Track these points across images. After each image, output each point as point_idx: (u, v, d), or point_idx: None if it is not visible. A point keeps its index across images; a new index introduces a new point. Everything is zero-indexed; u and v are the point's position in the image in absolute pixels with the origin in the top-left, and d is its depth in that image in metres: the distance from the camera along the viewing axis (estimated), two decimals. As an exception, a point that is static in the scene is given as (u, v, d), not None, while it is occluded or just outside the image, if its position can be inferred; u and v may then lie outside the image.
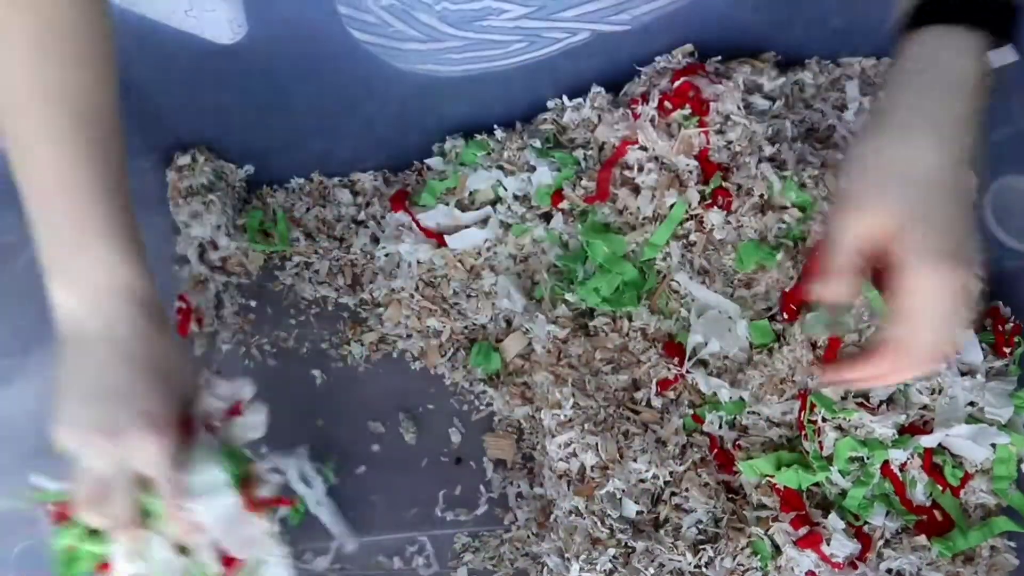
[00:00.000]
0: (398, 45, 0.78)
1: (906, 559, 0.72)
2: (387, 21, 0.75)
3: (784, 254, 0.79)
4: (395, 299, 0.92)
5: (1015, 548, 0.74)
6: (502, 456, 0.87)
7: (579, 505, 0.75)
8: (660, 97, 0.85)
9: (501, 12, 0.73)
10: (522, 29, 0.76)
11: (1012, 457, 0.73)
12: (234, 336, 0.94)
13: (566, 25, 0.77)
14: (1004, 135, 0.83)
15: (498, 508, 0.86)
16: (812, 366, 0.74)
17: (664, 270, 0.82)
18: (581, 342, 0.82)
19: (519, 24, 0.75)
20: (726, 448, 0.77)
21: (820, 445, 0.74)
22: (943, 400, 0.74)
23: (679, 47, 0.88)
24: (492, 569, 0.83)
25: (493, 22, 0.74)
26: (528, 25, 0.75)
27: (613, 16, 0.75)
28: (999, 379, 0.75)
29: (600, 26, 0.77)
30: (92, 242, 0.58)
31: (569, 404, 0.78)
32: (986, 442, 0.73)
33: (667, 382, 0.80)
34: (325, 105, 0.90)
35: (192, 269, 0.95)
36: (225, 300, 0.96)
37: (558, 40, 0.79)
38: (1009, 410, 0.73)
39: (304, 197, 0.98)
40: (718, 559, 0.72)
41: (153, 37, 0.79)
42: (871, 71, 0.90)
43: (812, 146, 0.84)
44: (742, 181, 0.81)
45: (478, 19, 0.74)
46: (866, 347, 0.63)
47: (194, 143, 0.95)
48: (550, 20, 0.75)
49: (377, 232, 0.94)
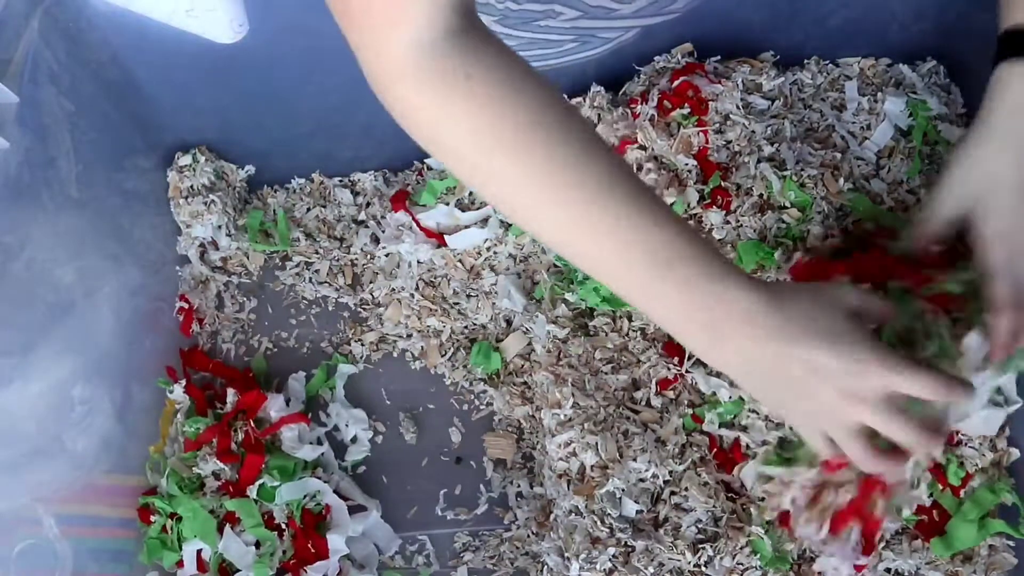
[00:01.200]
0: None
1: (904, 562, 0.72)
2: None
3: (783, 253, 0.79)
4: (395, 299, 0.92)
5: (1013, 547, 0.74)
6: (502, 456, 0.87)
7: (579, 504, 0.75)
8: (659, 96, 0.85)
9: (560, 15, 0.72)
10: (579, 29, 0.75)
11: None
12: (235, 335, 0.94)
13: (622, 24, 0.75)
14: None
15: (498, 508, 0.86)
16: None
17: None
18: (581, 342, 0.82)
19: (576, 25, 0.74)
20: (724, 448, 0.77)
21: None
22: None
23: (678, 46, 0.88)
24: (492, 568, 0.83)
25: (551, 23, 0.73)
26: (585, 25, 0.74)
27: (667, 7, 0.73)
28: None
29: (652, 19, 0.75)
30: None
31: (569, 404, 0.78)
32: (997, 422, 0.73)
33: (667, 382, 0.80)
34: (326, 105, 0.90)
35: (193, 269, 0.95)
36: (226, 300, 0.96)
37: (610, 40, 0.78)
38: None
39: (305, 197, 0.98)
40: (717, 558, 0.72)
41: (154, 37, 0.79)
42: (870, 71, 0.90)
43: (811, 146, 0.84)
44: (741, 181, 0.81)
45: (537, 20, 0.73)
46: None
47: (195, 143, 0.95)
48: (607, 19, 0.74)
49: (377, 232, 0.94)
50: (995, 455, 0.75)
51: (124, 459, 0.84)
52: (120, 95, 0.85)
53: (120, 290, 0.83)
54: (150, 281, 0.90)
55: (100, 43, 0.81)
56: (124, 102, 0.87)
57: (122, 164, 0.88)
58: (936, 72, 0.89)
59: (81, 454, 0.78)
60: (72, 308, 0.77)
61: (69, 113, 0.78)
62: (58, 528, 0.73)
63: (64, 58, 0.77)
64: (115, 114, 0.86)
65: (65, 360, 0.75)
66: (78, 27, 0.79)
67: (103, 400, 0.80)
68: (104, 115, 0.84)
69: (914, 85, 0.88)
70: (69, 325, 0.76)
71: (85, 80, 0.81)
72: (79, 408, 0.77)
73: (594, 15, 0.72)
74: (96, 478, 0.80)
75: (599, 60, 0.88)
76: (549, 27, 0.74)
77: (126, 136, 0.89)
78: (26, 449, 0.72)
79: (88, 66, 0.81)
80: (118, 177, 0.87)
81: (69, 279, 0.77)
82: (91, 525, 0.79)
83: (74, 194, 0.78)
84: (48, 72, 0.75)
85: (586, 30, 0.75)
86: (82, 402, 0.78)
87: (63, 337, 0.75)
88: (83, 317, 0.78)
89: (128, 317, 0.84)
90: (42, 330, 0.73)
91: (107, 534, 0.80)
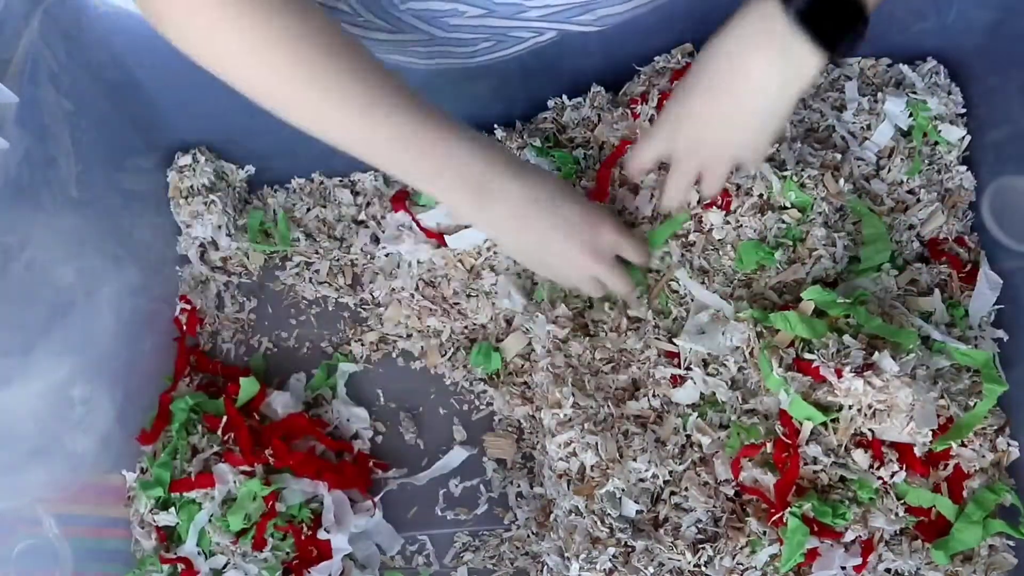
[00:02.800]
0: (369, 35, 0.78)
1: (904, 562, 0.72)
2: (356, 10, 0.75)
3: (783, 254, 0.79)
4: (395, 299, 0.92)
5: (1013, 547, 0.74)
6: (502, 456, 0.87)
7: (579, 504, 0.75)
8: (660, 96, 0.85)
9: (464, 12, 0.74)
10: (487, 28, 0.76)
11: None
12: (235, 335, 0.94)
13: (531, 25, 0.77)
14: (1004, 135, 0.83)
15: (498, 508, 0.86)
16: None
17: (663, 270, 0.82)
18: (581, 342, 0.82)
19: (484, 23, 0.75)
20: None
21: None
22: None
23: (678, 47, 0.88)
24: (492, 568, 0.83)
25: (459, 21, 0.75)
26: (493, 24, 0.76)
27: (578, 16, 0.76)
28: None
29: (565, 26, 0.77)
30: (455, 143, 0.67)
31: (569, 404, 0.78)
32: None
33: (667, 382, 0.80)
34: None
35: (193, 269, 0.95)
36: (226, 300, 0.96)
37: (524, 39, 0.79)
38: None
39: (305, 197, 0.98)
40: (717, 558, 0.72)
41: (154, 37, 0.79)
42: (870, 71, 0.90)
43: (811, 146, 0.84)
44: (741, 181, 0.81)
45: (443, 17, 0.74)
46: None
47: (195, 143, 0.95)
48: (514, 20, 0.76)
49: (377, 232, 0.94)
50: (995, 455, 0.75)
51: (124, 459, 0.84)
52: (120, 95, 0.85)
53: (120, 290, 0.83)
54: (150, 281, 0.90)
55: (100, 43, 0.81)
56: (124, 102, 0.86)
57: (122, 164, 0.88)
58: (936, 72, 0.89)
59: (81, 454, 0.78)
60: (72, 308, 0.77)
61: (69, 113, 0.78)
62: (58, 528, 0.73)
63: (64, 58, 0.77)
64: (115, 114, 0.86)
65: (65, 360, 0.75)
66: (78, 27, 0.79)
67: (103, 400, 0.80)
68: (104, 115, 0.84)
69: (914, 85, 0.88)
70: (69, 325, 0.76)
71: (85, 80, 0.81)
72: (79, 408, 0.77)
73: (501, 13, 0.75)
74: (96, 478, 0.80)
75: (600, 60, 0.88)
76: (457, 25, 0.76)
77: (126, 136, 0.89)
78: (26, 449, 0.72)
79: (88, 66, 0.81)
80: (118, 177, 0.87)
81: (69, 279, 0.77)
82: (91, 525, 0.79)
83: (74, 194, 0.78)
84: (48, 72, 0.75)
85: (496, 29, 0.77)
86: (82, 402, 0.78)
87: (63, 337, 0.75)
88: (83, 317, 0.78)
89: (128, 317, 0.84)
90: (42, 330, 0.73)
91: (107, 534, 0.80)
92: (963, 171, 0.85)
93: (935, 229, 0.84)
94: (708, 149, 0.71)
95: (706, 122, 0.69)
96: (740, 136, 0.69)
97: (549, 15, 0.75)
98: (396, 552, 0.85)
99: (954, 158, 0.86)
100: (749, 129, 0.68)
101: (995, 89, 0.85)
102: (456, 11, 0.74)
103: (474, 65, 0.83)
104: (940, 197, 0.85)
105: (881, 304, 0.77)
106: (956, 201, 0.85)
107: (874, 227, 0.81)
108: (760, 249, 0.79)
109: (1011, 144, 0.82)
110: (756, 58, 0.62)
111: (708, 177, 0.74)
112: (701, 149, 0.71)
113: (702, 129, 0.69)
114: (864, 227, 0.81)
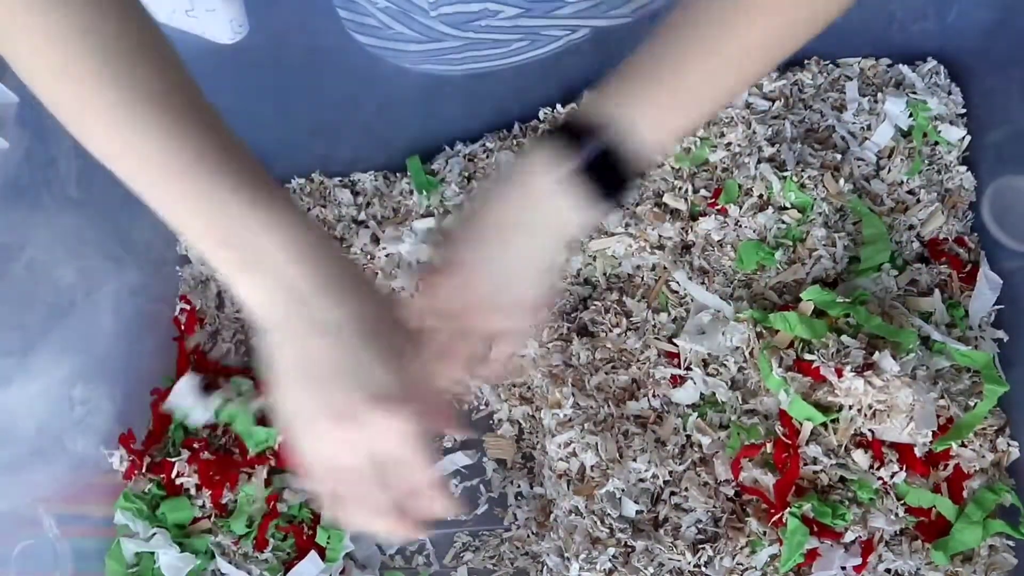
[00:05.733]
0: (400, 47, 0.78)
1: (904, 562, 0.72)
2: (386, 24, 0.75)
3: (783, 254, 0.79)
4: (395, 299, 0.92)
5: (1013, 547, 0.74)
6: (502, 456, 0.87)
7: (579, 505, 0.75)
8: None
9: (497, 13, 0.73)
10: (521, 28, 0.76)
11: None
12: (235, 335, 0.94)
13: (565, 23, 0.76)
14: (1004, 135, 0.83)
15: (498, 508, 0.86)
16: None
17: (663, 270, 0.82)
18: (581, 342, 0.82)
19: (518, 23, 0.75)
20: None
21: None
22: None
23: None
24: (492, 568, 0.83)
25: (491, 22, 0.74)
26: (527, 24, 0.75)
27: (612, 10, 0.75)
28: None
29: (599, 21, 0.77)
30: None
31: (569, 404, 0.78)
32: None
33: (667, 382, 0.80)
34: (325, 105, 0.90)
35: (193, 269, 0.95)
36: (226, 300, 0.96)
37: (558, 38, 0.79)
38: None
39: (305, 197, 0.98)
40: (717, 558, 0.72)
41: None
42: (870, 72, 0.90)
43: (811, 147, 0.84)
44: (742, 181, 0.81)
45: (475, 20, 0.74)
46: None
47: (195, 143, 0.95)
48: (548, 18, 0.75)
49: (377, 232, 0.94)
50: (995, 456, 0.75)
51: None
52: (120, 95, 0.85)
53: (120, 290, 0.83)
54: (150, 281, 0.90)
55: (100, 43, 0.81)
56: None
57: (122, 164, 0.88)
58: (936, 72, 0.89)
59: (81, 454, 0.78)
60: (72, 308, 0.77)
61: (69, 113, 0.78)
62: (58, 528, 0.73)
63: (64, 58, 0.77)
64: (115, 114, 0.86)
65: (65, 360, 0.75)
66: (78, 27, 0.79)
67: (103, 400, 0.80)
68: (104, 115, 0.84)
69: (914, 85, 0.88)
70: (69, 325, 0.76)
71: (85, 80, 0.80)
72: (79, 408, 0.77)
73: (536, 12, 0.73)
74: (96, 478, 0.80)
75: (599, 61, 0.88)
76: (491, 27, 0.75)
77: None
78: (26, 449, 0.72)
79: (88, 66, 0.81)
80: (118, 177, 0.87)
81: (69, 279, 0.77)
82: (91, 525, 0.79)
83: (74, 194, 0.78)
84: (48, 72, 0.75)
85: (530, 28, 0.76)
86: (82, 402, 0.78)
87: (63, 337, 0.75)
88: (83, 317, 0.78)
89: (128, 317, 0.84)
90: (42, 330, 0.73)
91: (107, 534, 0.80)
92: (963, 171, 0.85)
93: (935, 229, 0.84)
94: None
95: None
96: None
97: (583, 10, 0.74)
98: (396, 552, 0.85)
99: (954, 158, 0.86)
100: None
101: (995, 89, 0.85)
102: (488, 11, 0.73)
103: (505, 67, 0.82)
104: (940, 197, 0.85)
105: (881, 304, 0.77)
106: (956, 201, 0.85)
107: (874, 227, 0.81)
108: (760, 249, 0.79)
109: (1011, 144, 0.82)
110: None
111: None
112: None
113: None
114: (864, 227, 0.81)
